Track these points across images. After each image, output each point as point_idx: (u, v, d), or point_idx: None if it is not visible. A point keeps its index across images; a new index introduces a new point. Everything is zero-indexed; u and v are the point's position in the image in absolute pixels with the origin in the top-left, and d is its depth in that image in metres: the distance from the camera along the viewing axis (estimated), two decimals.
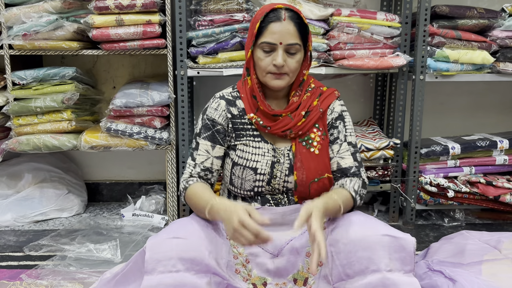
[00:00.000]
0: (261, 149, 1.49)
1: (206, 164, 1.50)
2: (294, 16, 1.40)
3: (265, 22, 1.39)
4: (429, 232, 2.33)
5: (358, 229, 1.29)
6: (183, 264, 1.23)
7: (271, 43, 1.39)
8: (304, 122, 1.47)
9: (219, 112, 1.51)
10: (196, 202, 1.40)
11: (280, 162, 1.48)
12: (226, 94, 1.54)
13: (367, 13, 2.23)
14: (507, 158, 2.39)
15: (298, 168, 1.45)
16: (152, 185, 2.77)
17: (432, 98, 2.72)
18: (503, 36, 2.30)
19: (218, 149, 1.51)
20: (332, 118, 1.53)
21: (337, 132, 1.52)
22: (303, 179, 1.45)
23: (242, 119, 1.51)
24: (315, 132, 1.49)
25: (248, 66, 1.47)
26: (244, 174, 1.47)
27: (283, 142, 1.51)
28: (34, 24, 2.21)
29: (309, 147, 1.48)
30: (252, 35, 1.42)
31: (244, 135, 1.50)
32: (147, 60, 2.68)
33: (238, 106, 1.52)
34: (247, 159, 1.48)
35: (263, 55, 1.41)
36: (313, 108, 1.49)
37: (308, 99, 1.50)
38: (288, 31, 1.38)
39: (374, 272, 1.24)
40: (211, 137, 1.50)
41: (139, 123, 2.33)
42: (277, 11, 1.39)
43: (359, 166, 1.51)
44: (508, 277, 1.50)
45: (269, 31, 1.38)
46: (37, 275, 1.85)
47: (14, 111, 2.30)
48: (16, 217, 2.41)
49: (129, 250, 2.08)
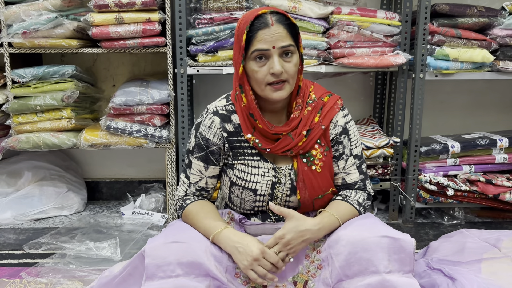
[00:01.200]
0: (261, 169, 1.41)
1: (201, 184, 1.46)
2: (281, 19, 1.29)
3: (252, 31, 1.28)
4: (429, 230, 2.34)
5: (357, 231, 1.29)
6: (182, 269, 1.23)
7: (264, 49, 1.27)
8: (305, 142, 1.38)
9: (213, 131, 1.40)
10: (196, 223, 1.37)
11: (281, 183, 1.41)
12: (220, 109, 1.42)
13: (367, 12, 2.23)
14: (506, 157, 2.39)
15: (301, 188, 1.40)
16: (152, 183, 2.77)
17: (432, 97, 2.72)
18: (503, 35, 2.29)
19: (212, 169, 1.44)
20: (336, 133, 1.43)
21: (342, 147, 1.44)
22: (306, 198, 1.41)
23: (239, 136, 1.41)
24: (317, 149, 1.41)
25: (241, 83, 1.34)
26: (244, 195, 1.42)
27: (284, 161, 1.43)
28: (34, 22, 2.20)
29: (311, 164, 1.40)
30: (240, 49, 1.30)
31: (242, 153, 1.42)
32: (147, 58, 2.68)
33: (234, 122, 1.41)
34: (246, 180, 1.41)
35: (257, 66, 1.29)
36: (314, 126, 1.39)
37: (309, 114, 1.39)
38: (279, 34, 1.27)
39: (373, 273, 1.24)
40: (204, 158, 1.42)
41: (139, 121, 2.33)
42: (262, 17, 1.28)
43: (364, 179, 1.47)
44: (507, 275, 1.50)
45: (259, 39, 1.27)
46: (37, 273, 1.86)
47: (14, 109, 2.30)
48: (16, 215, 2.42)
49: (129, 248, 2.08)
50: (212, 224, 1.33)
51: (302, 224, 1.29)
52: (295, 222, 1.29)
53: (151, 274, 1.24)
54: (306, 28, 2.21)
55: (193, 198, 1.46)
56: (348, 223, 1.34)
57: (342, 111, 1.45)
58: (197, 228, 1.36)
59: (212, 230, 1.31)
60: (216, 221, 1.35)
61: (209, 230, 1.32)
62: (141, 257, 1.31)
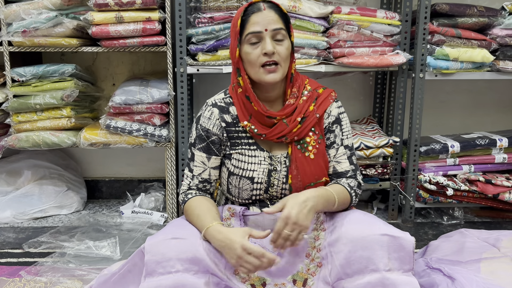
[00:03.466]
0: (257, 158, 1.46)
1: (204, 176, 1.49)
2: (273, 6, 1.40)
3: (246, 15, 1.38)
4: (428, 230, 2.34)
5: (357, 229, 1.29)
6: (182, 265, 1.24)
7: (257, 31, 1.36)
8: (299, 129, 1.44)
9: (213, 121, 1.47)
10: (192, 220, 1.39)
11: (277, 170, 1.45)
12: (219, 101, 1.50)
13: (367, 11, 2.23)
14: (506, 157, 2.39)
15: (294, 173, 1.44)
16: (152, 183, 2.77)
17: (431, 96, 2.72)
18: (503, 35, 2.30)
19: (214, 159, 1.49)
20: (329, 122, 1.49)
21: (334, 136, 1.49)
22: (299, 184, 1.44)
23: (236, 126, 1.47)
24: (311, 136, 1.46)
25: (238, 67, 1.42)
26: (241, 184, 1.45)
27: (280, 148, 1.48)
28: (34, 21, 2.20)
29: (305, 151, 1.45)
30: (235, 33, 1.40)
31: (239, 143, 1.47)
32: (146, 57, 2.68)
33: (232, 113, 1.47)
34: (243, 169, 1.45)
35: (251, 49, 1.38)
36: (309, 114, 1.45)
37: (304, 103, 1.46)
38: (271, 17, 1.37)
39: (373, 271, 1.24)
40: (206, 148, 1.47)
41: (138, 120, 2.33)
42: (255, 4, 1.39)
43: (355, 169, 1.50)
44: (506, 275, 1.51)
45: (252, 22, 1.37)
46: (36, 272, 1.85)
47: (14, 108, 2.30)
48: (16, 214, 2.41)
49: (128, 247, 2.08)
50: (204, 221, 1.34)
51: (300, 196, 1.30)
52: (293, 199, 1.29)
53: (151, 270, 1.24)
54: (306, 27, 2.21)
55: (195, 192, 1.48)
56: (347, 221, 1.34)
57: (335, 102, 1.51)
58: (193, 224, 1.38)
59: (203, 228, 1.33)
60: (207, 218, 1.35)
61: (201, 228, 1.34)
62: (140, 254, 1.31)
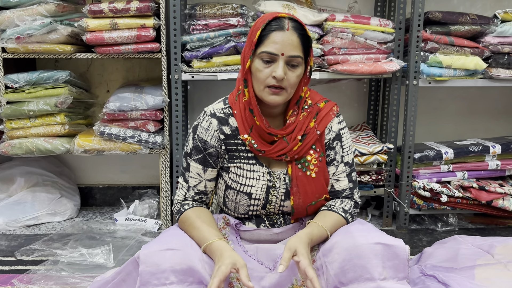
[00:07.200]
0: (256, 173, 1.41)
1: (200, 188, 1.46)
2: (298, 27, 1.32)
3: (267, 30, 1.31)
4: (423, 236, 2.34)
5: (350, 238, 1.28)
6: (176, 276, 1.22)
7: (272, 53, 1.29)
8: (300, 147, 1.39)
9: (211, 133, 1.41)
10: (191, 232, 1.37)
11: (275, 187, 1.42)
12: (218, 111, 1.43)
13: (361, 19, 2.24)
14: (499, 163, 2.41)
15: (295, 193, 1.41)
16: (146, 190, 2.76)
17: (425, 103, 2.74)
18: (496, 42, 2.32)
19: (210, 172, 1.44)
20: (329, 138, 1.45)
21: (334, 153, 1.45)
22: (300, 204, 1.41)
23: (235, 139, 1.42)
24: (312, 155, 1.42)
25: (246, 78, 1.36)
26: (238, 199, 1.42)
27: (279, 165, 1.43)
28: (28, 27, 2.20)
29: (306, 170, 1.41)
30: (251, 44, 1.33)
31: (238, 157, 1.42)
32: (141, 64, 2.68)
33: (231, 125, 1.42)
34: (241, 184, 1.41)
35: (262, 66, 1.32)
36: (309, 131, 1.41)
37: (304, 119, 1.41)
38: (291, 42, 1.30)
39: (368, 280, 1.23)
40: (202, 160, 1.42)
41: (132, 127, 2.32)
42: (280, 20, 1.31)
43: (353, 187, 1.47)
44: (500, 281, 1.51)
45: (271, 40, 1.29)
46: (29, 280, 1.84)
47: (7, 115, 2.29)
48: (8, 221, 2.39)
49: (122, 255, 2.06)
50: (206, 234, 1.32)
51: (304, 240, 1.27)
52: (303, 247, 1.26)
53: (145, 282, 1.23)
54: None
55: (191, 203, 1.45)
56: (341, 230, 1.34)
57: (337, 117, 1.46)
58: (192, 236, 1.36)
59: (205, 241, 1.31)
60: (210, 231, 1.34)
61: (202, 241, 1.32)
62: (134, 263, 1.30)
